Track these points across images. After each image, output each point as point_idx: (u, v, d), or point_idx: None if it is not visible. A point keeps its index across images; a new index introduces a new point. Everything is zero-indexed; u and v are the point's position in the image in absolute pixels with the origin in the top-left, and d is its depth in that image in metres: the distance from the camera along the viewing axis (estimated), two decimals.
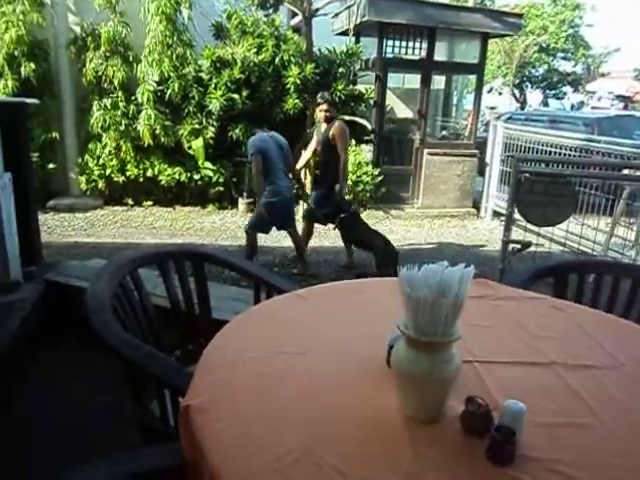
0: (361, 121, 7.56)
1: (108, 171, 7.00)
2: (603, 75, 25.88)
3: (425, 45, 7.72)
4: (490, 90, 25.50)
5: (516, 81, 24.76)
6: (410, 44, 7.73)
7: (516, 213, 3.67)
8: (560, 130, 8.02)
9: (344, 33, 8.02)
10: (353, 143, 7.39)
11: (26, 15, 6.44)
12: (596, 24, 25.34)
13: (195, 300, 2.05)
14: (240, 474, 0.93)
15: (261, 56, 7.05)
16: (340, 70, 7.53)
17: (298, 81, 6.98)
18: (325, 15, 8.00)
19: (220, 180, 7.18)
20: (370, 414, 1.10)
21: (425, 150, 7.94)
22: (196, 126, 6.91)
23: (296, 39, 7.48)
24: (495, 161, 7.88)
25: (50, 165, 6.98)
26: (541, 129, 8.21)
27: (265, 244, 5.34)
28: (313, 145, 5.08)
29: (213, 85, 6.90)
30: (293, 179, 4.96)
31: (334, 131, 4.74)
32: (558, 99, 26.35)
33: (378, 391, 1.16)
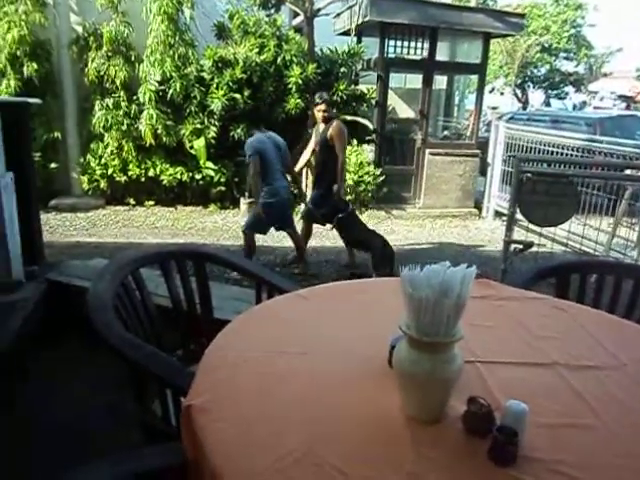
0: (363, 121, 7.57)
1: (110, 171, 7.01)
2: (605, 75, 25.84)
3: (427, 45, 7.72)
4: (492, 90, 25.47)
5: (518, 81, 24.72)
6: (412, 44, 7.73)
7: (518, 213, 3.66)
8: (562, 130, 8.01)
9: (346, 33, 8.03)
10: (355, 143, 7.40)
11: (28, 15, 6.45)
12: (598, 24, 25.49)
13: (197, 300, 2.05)
14: (242, 474, 0.93)
15: (263, 56, 7.06)
16: (342, 70, 7.53)
17: (300, 81, 6.98)
18: (327, 15, 8.02)
19: (222, 180, 7.19)
20: (372, 414, 1.10)
21: (427, 150, 7.94)
22: (198, 126, 6.92)
23: (298, 39, 7.49)
24: (497, 161, 7.88)
25: (52, 165, 6.99)
26: (543, 129, 8.20)
27: (266, 244, 5.34)
28: (312, 145, 5.07)
29: (215, 85, 6.90)
30: (292, 179, 4.94)
31: (332, 131, 4.72)
32: (560, 99, 26.28)
33: (380, 391, 1.16)
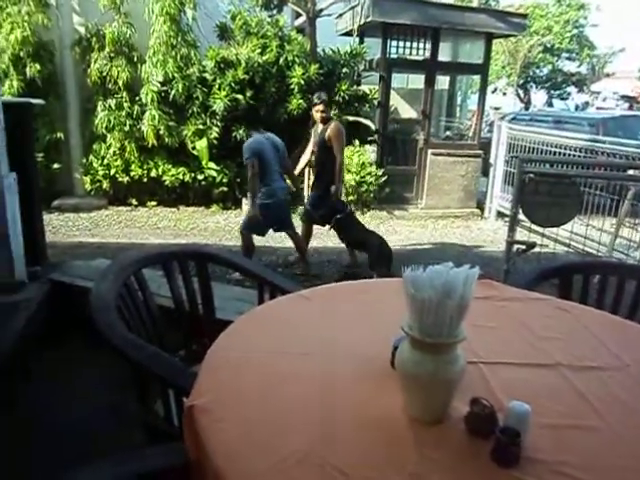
0: (365, 121, 7.57)
1: (112, 171, 7.02)
2: (608, 75, 25.79)
3: (429, 45, 7.72)
4: (494, 90, 25.42)
5: (520, 81, 24.69)
6: (414, 44, 7.73)
7: (520, 214, 3.66)
8: (565, 130, 8.00)
9: (348, 34, 8.03)
10: (357, 144, 7.40)
11: (31, 16, 6.47)
12: (601, 24, 25.44)
13: (199, 300, 2.05)
14: (244, 474, 0.93)
15: (265, 57, 7.07)
16: (344, 70, 7.53)
17: (302, 82, 6.99)
18: (329, 16, 8.03)
19: (224, 180, 7.19)
20: (374, 415, 1.10)
21: (429, 150, 7.93)
22: (200, 126, 6.92)
23: (300, 40, 7.49)
24: (499, 161, 7.87)
25: (55, 165, 6.99)
26: (545, 129, 8.20)
27: (268, 245, 5.34)
28: (311, 146, 5.04)
29: (217, 86, 6.91)
30: (290, 180, 4.91)
31: (330, 132, 4.68)
32: (562, 99, 26.24)
33: (382, 392, 1.16)
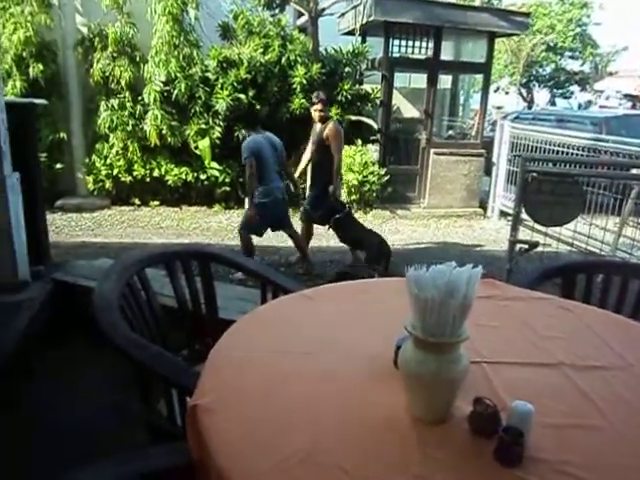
0: (367, 121, 7.56)
1: (115, 171, 7.03)
2: (611, 74, 25.70)
3: (431, 44, 7.70)
4: (497, 89, 25.38)
5: (523, 80, 24.63)
6: (416, 43, 7.71)
7: (523, 213, 3.65)
8: (568, 129, 7.97)
9: (350, 33, 8.02)
10: (359, 143, 7.40)
11: (34, 16, 6.49)
12: (604, 23, 25.34)
13: (202, 300, 2.05)
14: (247, 474, 0.93)
15: (267, 56, 7.07)
16: (346, 70, 7.53)
17: (304, 81, 6.99)
18: (331, 15, 8.02)
19: (226, 180, 7.19)
20: (377, 415, 1.09)
21: (431, 150, 7.91)
22: (202, 126, 6.93)
23: (302, 39, 7.49)
24: (502, 161, 7.85)
25: (58, 165, 7.02)
26: (548, 128, 8.17)
27: (271, 244, 5.34)
28: (310, 146, 5.01)
29: (219, 85, 6.91)
30: (288, 179, 4.90)
31: (328, 131, 4.66)
32: (565, 98, 26.17)
33: (385, 392, 1.16)
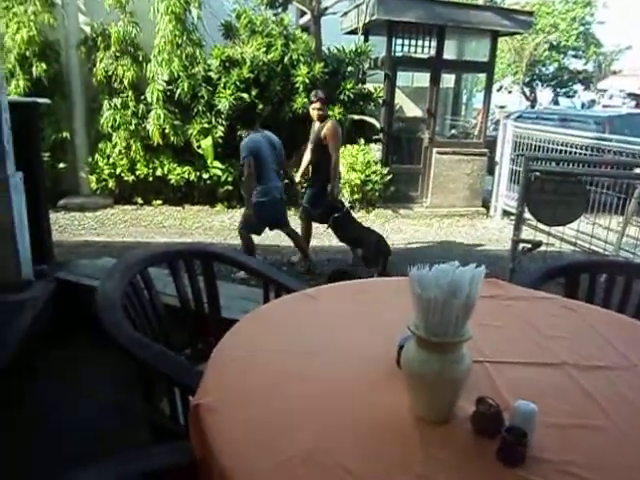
0: (370, 120, 7.56)
1: (118, 170, 7.04)
2: (614, 73, 25.63)
3: (434, 43, 7.69)
4: (500, 89, 25.31)
5: (526, 79, 24.55)
6: (419, 42, 7.70)
7: (526, 212, 3.64)
8: (571, 129, 7.96)
9: (353, 32, 8.02)
10: (362, 142, 7.39)
11: (37, 16, 6.50)
12: (607, 21, 25.27)
13: (205, 299, 2.05)
14: (249, 473, 0.93)
15: (270, 55, 7.07)
16: (349, 69, 7.53)
17: (307, 80, 6.98)
18: (334, 14, 8.02)
19: (229, 179, 7.19)
20: (380, 415, 1.09)
21: (434, 149, 7.90)
22: (205, 125, 6.93)
23: (305, 38, 7.49)
24: (505, 160, 7.83)
25: (61, 164, 7.03)
26: (551, 128, 8.15)
27: (274, 243, 5.35)
28: (309, 145, 5.01)
29: (222, 84, 6.91)
30: (286, 178, 4.89)
31: (326, 130, 4.67)
32: (569, 97, 26.08)
33: (388, 392, 1.16)
